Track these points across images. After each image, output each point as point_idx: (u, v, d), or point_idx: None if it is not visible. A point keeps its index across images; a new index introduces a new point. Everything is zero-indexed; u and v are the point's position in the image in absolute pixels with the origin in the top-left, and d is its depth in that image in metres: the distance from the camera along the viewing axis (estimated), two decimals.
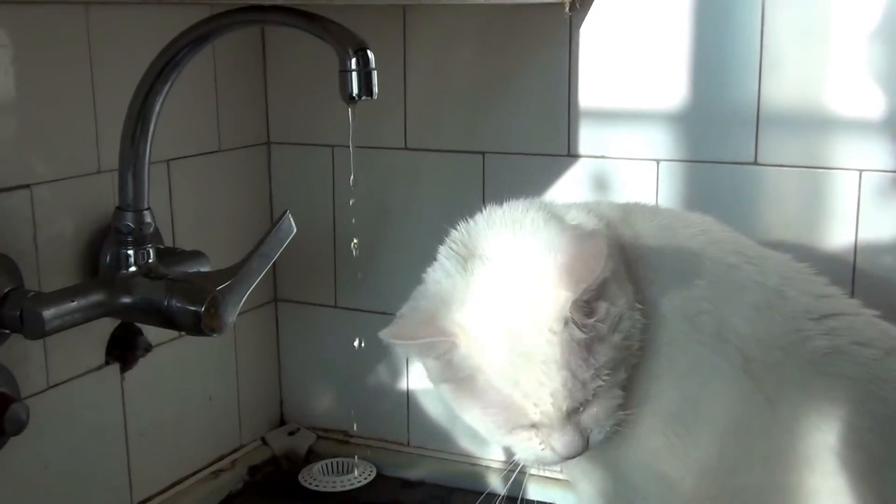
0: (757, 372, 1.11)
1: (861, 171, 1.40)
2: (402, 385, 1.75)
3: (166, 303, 1.25)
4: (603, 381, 1.06)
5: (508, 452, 1.61)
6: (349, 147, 1.25)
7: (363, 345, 1.54)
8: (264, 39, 1.73)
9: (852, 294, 1.39)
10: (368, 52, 1.10)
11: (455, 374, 1.10)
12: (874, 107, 1.38)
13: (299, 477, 1.71)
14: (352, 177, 1.29)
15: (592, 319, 1.05)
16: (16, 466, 1.31)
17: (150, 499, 1.55)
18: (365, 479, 1.71)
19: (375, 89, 1.11)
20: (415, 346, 1.10)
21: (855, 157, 1.40)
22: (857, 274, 1.42)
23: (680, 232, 1.21)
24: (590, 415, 1.09)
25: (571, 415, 1.07)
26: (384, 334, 1.10)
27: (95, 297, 1.25)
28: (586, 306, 1.05)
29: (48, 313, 1.19)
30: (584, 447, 1.09)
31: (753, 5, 1.41)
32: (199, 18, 1.21)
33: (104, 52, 1.39)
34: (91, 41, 1.37)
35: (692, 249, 1.17)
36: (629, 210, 1.24)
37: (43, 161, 1.33)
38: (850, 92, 1.39)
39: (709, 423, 1.13)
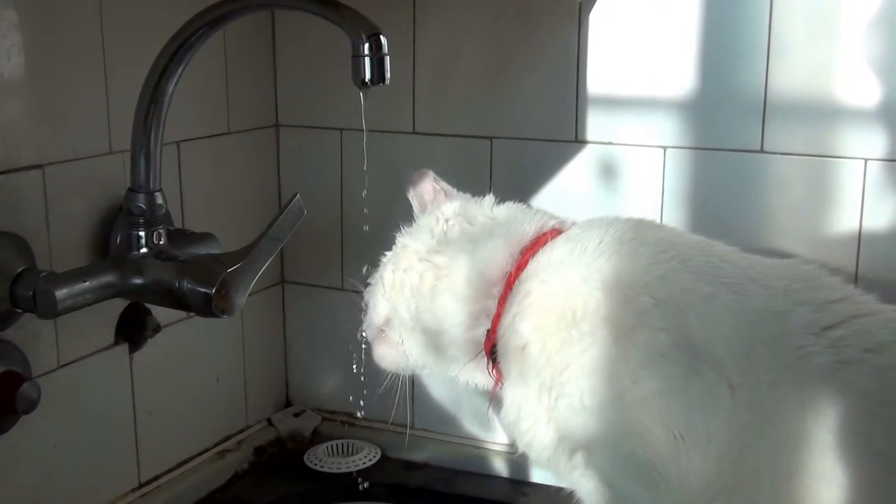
0: (748, 395, 1.11)
1: (866, 159, 1.40)
2: None
3: (177, 284, 1.26)
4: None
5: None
6: (359, 131, 1.25)
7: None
8: (274, 22, 1.73)
9: (856, 282, 1.40)
10: (382, 37, 1.10)
11: None
12: (880, 96, 1.39)
13: (304, 458, 1.73)
14: (365, 163, 1.30)
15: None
16: (26, 445, 1.33)
17: (157, 478, 1.56)
18: (369, 460, 1.72)
19: (388, 75, 1.12)
20: None
21: (860, 145, 1.41)
22: (860, 262, 1.43)
23: (653, 258, 1.21)
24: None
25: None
26: None
27: (107, 278, 1.26)
28: None
29: (60, 293, 1.20)
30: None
31: None
32: (210, 3, 1.21)
33: (116, 34, 1.40)
34: (103, 23, 1.38)
35: (663, 276, 1.18)
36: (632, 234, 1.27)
37: (55, 142, 1.34)
38: (857, 81, 1.40)
39: (699, 440, 1.12)
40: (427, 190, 1.42)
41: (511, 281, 1.28)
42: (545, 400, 1.20)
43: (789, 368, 1.10)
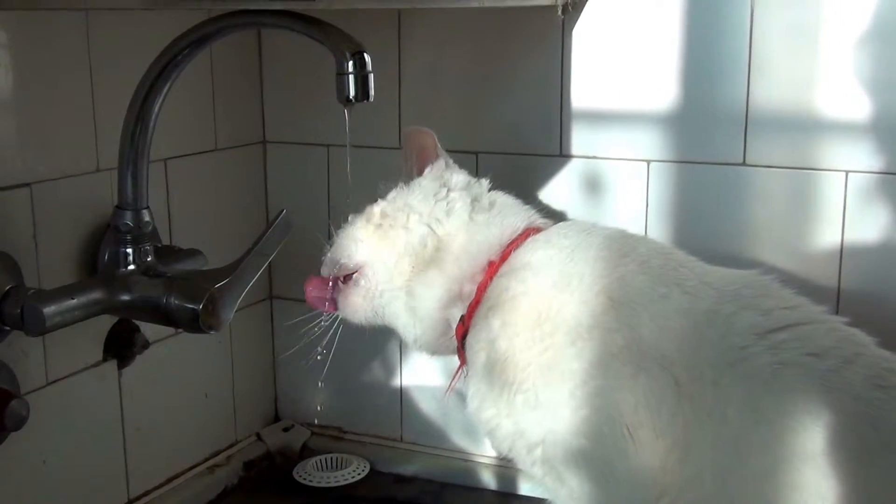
0: (692, 391, 1.14)
1: (847, 171, 1.42)
2: (396, 381, 1.77)
3: (165, 300, 1.27)
4: None
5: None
6: (345, 147, 1.27)
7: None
8: (260, 40, 1.74)
9: (838, 294, 1.42)
10: (365, 55, 1.11)
11: None
12: (860, 108, 1.40)
13: (294, 472, 1.73)
14: (349, 176, 1.32)
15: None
16: (15, 462, 1.33)
17: (146, 493, 1.57)
18: (358, 474, 1.73)
19: (372, 92, 1.12)
20: None
21: (841, 158, 1.42)
22: (843, 273, 1.44)
23: (614, 261, 1.26)
24: None
25: None
26: None
27: (95, 295, 1.27)
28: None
29: (49, 310, 1.21)
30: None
31: (742, 8, 1.43)
32: (196, 22, 1.22)
33: (103, 54, 1.41)
34: (90, 43, 1.39)
35: (621, 278, 1.23)
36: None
37: (43, 160, 1.34)
38: (837, 94, 1.41)
39: (646, 437, 1.16)
40: (429, 152, 1.42)
41: (492, 271, 1.31)
42: (506, 395, 1.24)
43: (731, 367, 1.14)
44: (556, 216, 1.55)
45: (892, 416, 1.09)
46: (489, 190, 1.41)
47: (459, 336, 1.33)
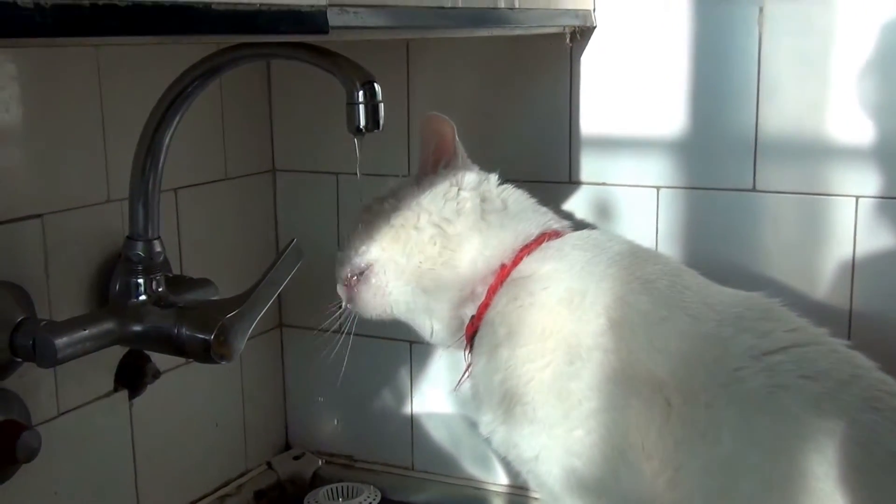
0: (684, 412, 1.14)
1: (858, 197, 1.42)
2: (407, 409, 1.77)
3: (176, 331, 1.27)
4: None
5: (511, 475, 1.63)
6: (355, 175, 1.27)
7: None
8: (269, 70, 1.75)
9: (850, 319, 1.42)
10: (375, 85, 1.11)
11: None
12: (870, 134, 1.40)
13: (305, 501, 1.73)
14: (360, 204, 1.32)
15: None
16: (27, 493, 1.33)
17: None
18: (370, 503, 1.72)
19: (382, 122, 1.12)
20: None
21: (851, 183, 1.42)
22: (854, 297, 1.44)
23: (620, 280, 1.26)
24: None
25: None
26: None
27: (106, 326, 1.27)
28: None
29: (60, 342, 1.21)
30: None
31: (751, 35, 1.44)
32: (206, 54, 1.22)
33: (113, 86, 1.41)
34: (101, 76, 1.40)
35: (623, 298, 1.23)
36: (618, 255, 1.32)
37: (54, 191, 1.35)
38: (847, 119, 1.41)
39: (636, 458, 1.17)
40: (447, 141, 1.40)
41: (504, 275, 1.32)
42: (505, 404, 1.25)
43: (725, 389, 1.14)
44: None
45: (886, 439, 1.09)
46: (499, 185, 1.41)
47: (469, 335, 1.34)
